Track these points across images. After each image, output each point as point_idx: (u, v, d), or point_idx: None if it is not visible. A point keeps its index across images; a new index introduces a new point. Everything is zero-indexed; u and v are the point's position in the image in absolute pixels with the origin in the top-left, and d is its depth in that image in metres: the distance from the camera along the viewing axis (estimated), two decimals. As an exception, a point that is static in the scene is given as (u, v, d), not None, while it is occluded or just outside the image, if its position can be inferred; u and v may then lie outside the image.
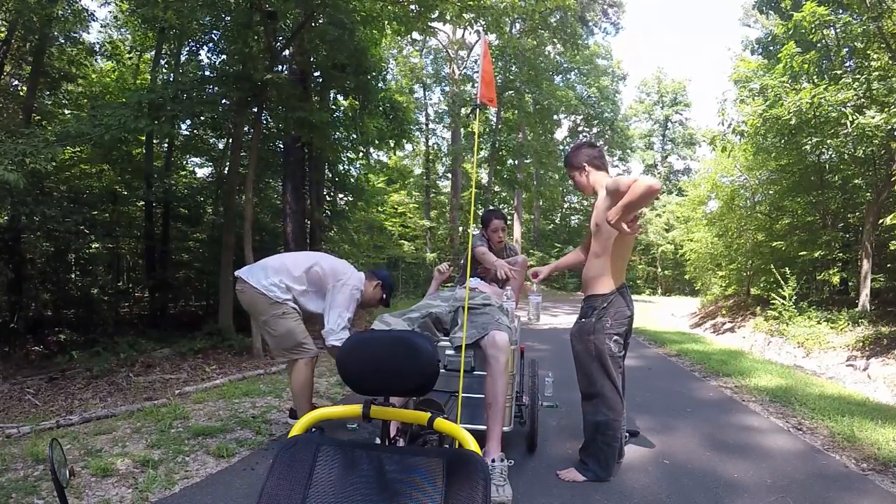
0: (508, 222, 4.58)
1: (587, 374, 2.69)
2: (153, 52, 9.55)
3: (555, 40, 19.75)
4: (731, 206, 12.96)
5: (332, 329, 2.94)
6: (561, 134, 28.45)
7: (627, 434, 3.24)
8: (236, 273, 3.21)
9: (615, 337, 2.62)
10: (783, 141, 9.42)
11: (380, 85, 10.10)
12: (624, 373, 2.79)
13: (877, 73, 7.05)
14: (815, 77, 8.24)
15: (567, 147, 29.22)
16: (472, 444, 1.09)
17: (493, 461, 2.36)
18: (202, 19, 7.26)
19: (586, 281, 2.76)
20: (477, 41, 19.84)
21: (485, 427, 2.52)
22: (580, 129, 29.02)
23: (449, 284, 3.75)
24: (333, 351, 2.96)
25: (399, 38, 16.23)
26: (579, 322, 2.75)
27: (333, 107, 9.69)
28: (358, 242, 13.11)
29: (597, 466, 2.66)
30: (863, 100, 7.10)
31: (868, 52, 7.52)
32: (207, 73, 8.14)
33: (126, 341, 6.61)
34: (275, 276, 3.05)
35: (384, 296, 3.32)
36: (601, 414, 2.64)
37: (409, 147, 22.58)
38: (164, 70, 9.50)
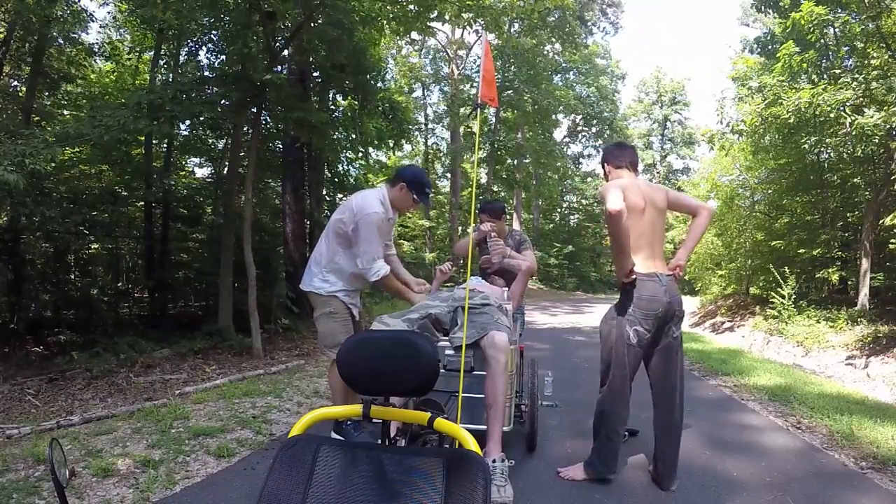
0: (506, 216, 4.45)
1: (603, 359, 2.67)
2: (152, 53, 9.54)
3: (553, 40, 19.76)
4: (731, 205, 12.97)
5: (365, 268, 2.82)
6: (560, 133, 28.47)
7: (627, 434, 3.25)
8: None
9: (636, 326, 2.52)
10: (782, 140, 9.43)
11: (379, 85, 10.09)
12: (662, 376, 2.65)
13: (876, 73, 7.05)
14: (814, 76, 8.24)
15: (566, 147, 29.30)
16: (472, 444, 1.10)
17: (494, 461, 2.37)
18: (201, 20, 7.25)
19: None
20: (476, 41, 19.84)
21: (485, 427, 2.53)
22: (579, 128, 29.03)
23: (448, 284, 3.75)
24: (383, 282, 2.87)
25: (398, 38, 16.22)
26: (613, 304, 2.70)
27: (333, 107, 9.67)
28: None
29: (597, 461, 2.64)
30: (862, 99, 7.10)
31: (868, 50, 7.53)
32: (206, 73, 8.11)
33: (126, 342, 6.58)
34: (316, 268, 2.98)
35: (415, 196, 2.92)
36: (605, 403, 2.62)
37: (408, 147, 22.56)
38: (164, 70, 9.49)
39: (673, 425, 2.62)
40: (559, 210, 33.16)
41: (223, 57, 7.98)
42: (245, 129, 8.33)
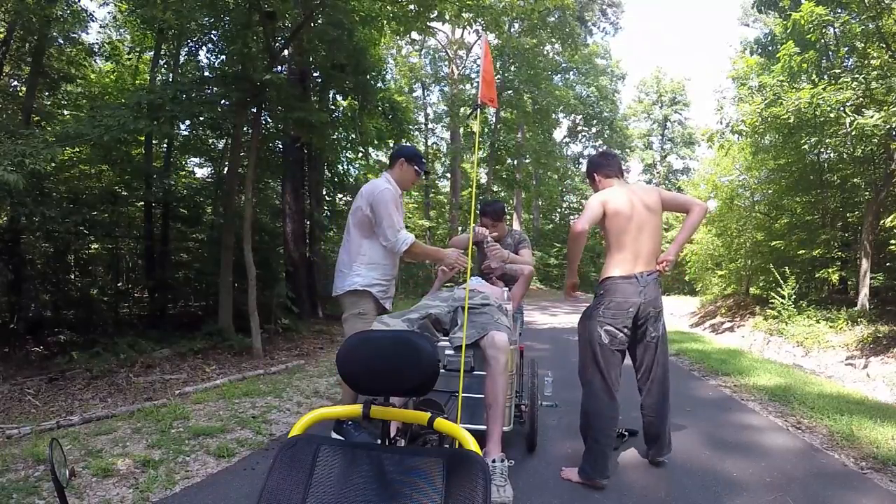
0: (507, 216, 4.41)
1: (581, 360, 2.78)
2: (152, 53, 9.54)
3: (553, 40, 19.75)
4: (731, 205, 12.97)
5: (391, 241, 2.85)
6: (560, 134, 28.47)
7: (626, 433, 3.25)
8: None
9: (606, 326, 2.61)
10: (782, 140, 9.43)
11: (379, 85, 10.10)
12: (644, 369, 2.79)
13: (876, 73, 7.05)
14: (814, 76, 8.24)
15: (566, 147, 29.29)
16: (472, 444, 1.10)
17: (494, 461, 2.36)
18: (201, 20, 7.26)
19: None
20: (476, 41, 19.84)
21: (485, 427, 2.53)
22: (579, 128, 29.03)
23: (449, 284, 3.75)
24: (412, 251, 2.91)
25: (398, 37, 16.22)
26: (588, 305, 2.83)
27: (333, 107, 9.68)
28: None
29: (588, 466, 2.61)
30: (862, 99, 7.10)
31: (868, 51, 7.53)
32: (206, 73, 8.13)
33: (126, 342, 6.58)
34: (346, 268, 2.97)
35: (416, 167, 3.06)
36: (588, 403, 2.69)
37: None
38: (164, 70, 9.49)
39: (657, 404, 2.76)
40: (559, 210, 33.15)
41: (223, 57, 7.99)
42: (245, 129, 8.33)
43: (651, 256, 2.69)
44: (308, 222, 9.91)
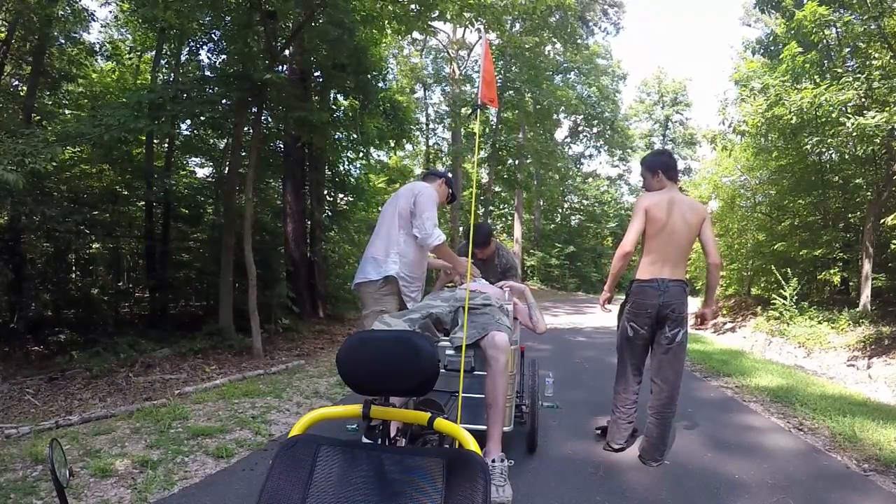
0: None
1: (616, 344, 3.10)
2: (153, 53, 9.54)
3: (554, 40, 19.72)
4: (732, 206, 12.97)
5: (426, 232, 2.89)
6: (561, 134, 28.44)
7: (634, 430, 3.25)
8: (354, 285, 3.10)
9: (630, 322, 2.92)
10: (784, 141, 9.42)
11: (380, 85, 10.09)
12: (655, 367, 2.94)
13: (878, 73, 7.04)
14: (816, 76, 8.23)
15: (567, 147, 29.29)
16: (472, 444, 1.09)
17: (494, 461, 2.36)
18: (202, 19, 7.26)
19: None
20: (477, 41, 19.83)
21: (485, 427, 2.52)
22: (580, 128, 29.00)
23: (451, 285, 3.74)
24: (440, 248, 2.99)
25: (399, 37, 16.19)
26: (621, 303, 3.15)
27: (333, 107, 9.67)
28: (358, 242, 13.14)
29: (609, 431, 3.07)
30: (864, 100, 7.09)
31: (870, 51, 7.52)
32: (207, 73, 8.13)
33: (126, 341, 6.58)
34: (382, 256, 2.97)
35: (451, 191, 3.30)
36: (616, 381, 3.07)
37: (409, 147, 22.53)
38: (165, 70, 9.49)
39: (663, 407, 2.88)
40: (560, 210, 33.09)
41: (224, 56, 7.99)
42: (246, 128, 8.33)
43: (677, 264, 2.92)
44: (309, 222, 9.91)
